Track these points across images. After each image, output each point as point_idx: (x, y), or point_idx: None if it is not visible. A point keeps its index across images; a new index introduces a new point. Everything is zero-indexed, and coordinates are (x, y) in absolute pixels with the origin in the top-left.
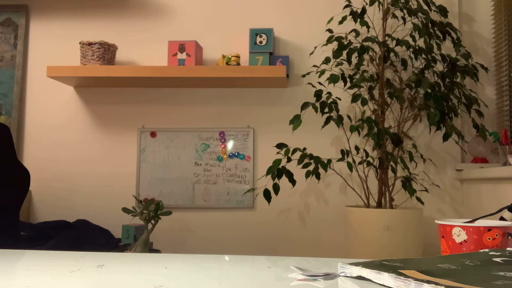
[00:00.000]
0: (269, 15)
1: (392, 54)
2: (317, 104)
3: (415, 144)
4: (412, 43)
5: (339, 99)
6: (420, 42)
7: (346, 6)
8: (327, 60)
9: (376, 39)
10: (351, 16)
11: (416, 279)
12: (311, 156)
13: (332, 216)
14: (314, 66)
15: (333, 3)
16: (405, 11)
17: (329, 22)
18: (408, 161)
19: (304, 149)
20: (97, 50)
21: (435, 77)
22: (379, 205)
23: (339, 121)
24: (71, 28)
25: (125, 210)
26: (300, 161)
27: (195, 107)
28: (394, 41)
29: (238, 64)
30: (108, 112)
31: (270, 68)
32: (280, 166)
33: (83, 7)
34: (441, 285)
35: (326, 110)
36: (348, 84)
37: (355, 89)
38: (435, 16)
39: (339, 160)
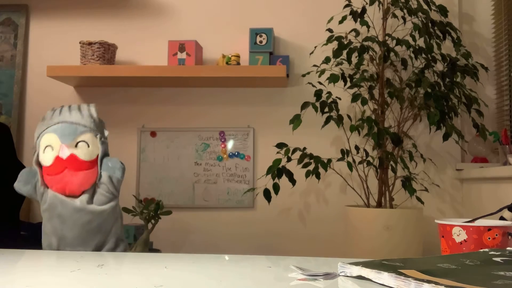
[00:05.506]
0: (269, 15)
1: (392, 54)
2: (317, 104)
3: (415, 144)
4: (412, 42)
5: (339, 98)
6: (420, 42)
7: (346, 6)
8: (327, 60)
9: (376, 39)
10: (351, 16)
11: (416, 279)
12: (311, 156)
13: (332, 216)
14: (314, 65)
15: (333, 3)
16: (405, 10)
17: (329, 21)
18: (408, 161)
19: (304, 148)
20: (97, 50)
21: (435, 76)
22: (379, 204)
23: (339, 120)
24: (71, 28)
25: (125, 210)
26: (300, 160)
27: (195, 107)
28: (394, 41)
29: (238, 63)
30: (108, 112)
31: (270, 68)
32: (280, 166)
33: (83, 7)
34: (441, 284)
35: (326, 109)
36: (348, 84)
37: (355, 89)
38: (435, 15)
39: (339, 159)
